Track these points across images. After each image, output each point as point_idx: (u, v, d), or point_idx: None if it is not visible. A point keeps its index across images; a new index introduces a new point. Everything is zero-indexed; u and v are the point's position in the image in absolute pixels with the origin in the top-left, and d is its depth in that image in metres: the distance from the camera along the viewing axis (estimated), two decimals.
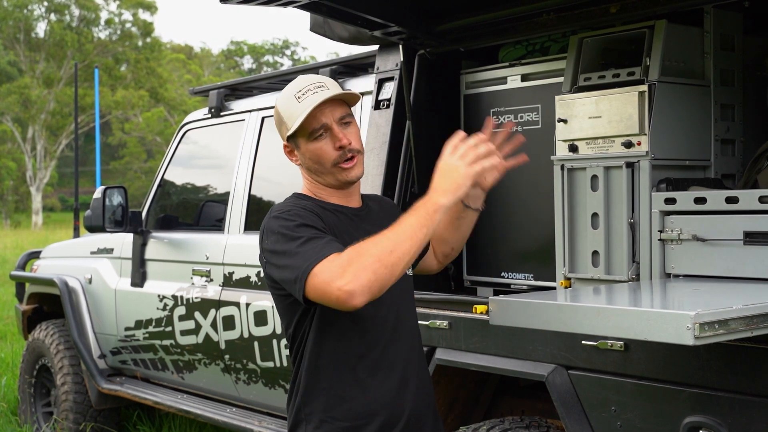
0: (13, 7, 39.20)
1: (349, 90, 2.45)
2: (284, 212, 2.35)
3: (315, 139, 2.40)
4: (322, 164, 2.42)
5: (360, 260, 2.13)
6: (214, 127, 5.25)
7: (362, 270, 2.11)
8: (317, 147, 2.40)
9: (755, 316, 2.17)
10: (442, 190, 2.21)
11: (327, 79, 2.46)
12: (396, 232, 2.17)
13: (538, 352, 2.98)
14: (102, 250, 5.80)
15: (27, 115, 38.52)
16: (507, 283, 3.53)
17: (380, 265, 2.12)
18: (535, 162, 3.36)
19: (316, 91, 2.38)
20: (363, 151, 2.48)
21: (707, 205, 2.72)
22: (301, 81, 2.43)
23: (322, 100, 2.36)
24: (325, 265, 2.16)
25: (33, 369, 6.23)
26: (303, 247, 2.23)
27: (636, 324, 2.14)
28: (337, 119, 2.40)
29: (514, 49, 3.56)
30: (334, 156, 2.40)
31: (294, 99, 2.39)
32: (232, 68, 55.37)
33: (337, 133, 2.39)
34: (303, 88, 2.40)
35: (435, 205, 2.20)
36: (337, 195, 2.49)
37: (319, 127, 2.39)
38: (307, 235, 2.25)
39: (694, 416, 2.57)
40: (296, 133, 2.41)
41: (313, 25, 4.08)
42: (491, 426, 3.13)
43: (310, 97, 2.37)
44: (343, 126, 2.42)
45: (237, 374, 4.72)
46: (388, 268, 2.13)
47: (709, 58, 3.03)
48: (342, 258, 2.15)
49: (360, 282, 2.11)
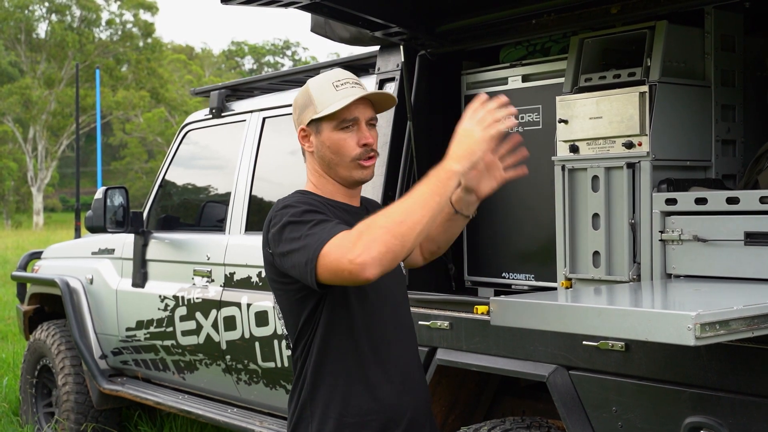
0: (14, 7, 39.22)
1: (389, 93, 2.49)
2: (290, 203, 2.36)
3: (342, 130, 2.42)
4: (341, 156, 2.42)
5: (370, 232, 2.11)
6: (215, 127, 5.25)
7: (372, 242, 2.09)
8: (341, 138, 2.42)
9: (756, 317, 2.17)
10: (457, 157, 2.19)
11: (360, 80, 2.50)
12: (407, 201, 2.14)
13: (539, 352, 2.98)
14: (103, 250, 5.81)
15: (28, 116, 38.53)
16: (508, 284, 3.53)
17: (390, 236, 2.10)
18: (536, 162, 3.36)
19: (354, 85, 2.42)
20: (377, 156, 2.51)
21: (708, 205, 2.73)
22: (340, 72, 2.46)
23: (364, 95, 2.40)
24: (334, 242, 2.15)
25: (34, 369, 6.24)
26: (312, 230, 2.22)
27: (637, 324, 2.14)
28: (368, 118, 2.44)
29: (514, 50, 3.56)
30: (357, 151, 2.42)
31: (332, 86, 2.41)
32: (233, 69, 55.39)
33: (364, 131, 2.42)
34: (342, 79, 2.43)
35: (449, 172, 2.17)
36: (342, 193, 2.50)
37: (351, 119, 2.41)
38: (315, 219, 2.25)
39: (695, 416, 2.57)
40: (323, 119, 2.42)
41: (314, 26, 4.08)
42: (492, 426, 3.13)
43: (349, 89, 2.40)
44: (370, 127, 2.45)
45: (238, 375, 4.72)
46: (399, 239, 2.10)
47: (710, 59, 3.03)
48: (352, 233, 2.14)
49: (371, 254, 2.09)
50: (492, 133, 2.22)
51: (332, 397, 2.38)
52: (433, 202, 2.14)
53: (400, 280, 2.55)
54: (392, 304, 2.45)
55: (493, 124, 2.23)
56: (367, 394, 2.38)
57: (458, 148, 2.21)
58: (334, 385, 2.38)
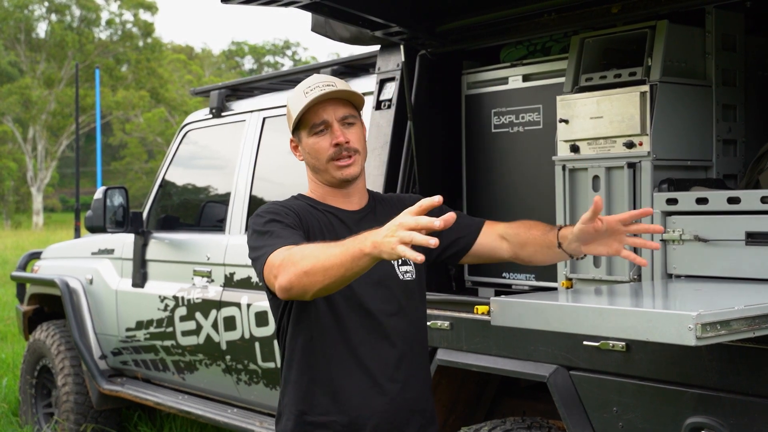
0: (14, 7, 39.21)
1: (353, 90, 2.48)
2: (261, 211, 2.44)
3: (314, 134, 2.47)
4: (318, 159, 2.48)
5: (286, 264, 2.18)
6: (215, 127, 5.25)
7: (288, 273, 2.16)
8: (315, 142, 2.47)
9: (757, 317, 2.16)
10: (377, 241, 2.03)
11: (337, 80, 2.51)
12: (320, 256, 2.12)
13: (540, 352, 2.98)
14: (103, 250, 5.80)
15: (28, 116, 38.52)
16: (508, 284, 3.52)
17: (296, 276, 2.15)
18: (537, 162, 3.36)
19: (323, 89, 2.45)
20: (362, 152, 2.51)
21: (709, 205, 2.72)
22: (312, 79, 2.51)
23: (321, 95, 2.43)
24: (272, 258, 2.24)
25: (34, 370, 6.23)
26: (267, 241, 2.31)
27: (638, 324, 2.14)
28: (339, 118, 2.47)
29: (515, 50, 3.56)
30: (330, 152, 2.46)
31: (302, 94, 2.47)
32: (233, 69, 55.36)
33: (335, 131, 2.46)
34: (312, 84, 2.47)
35: (361, 251, 2.07)
36: (336, 195, 2.52)
37: (320, 123, 2.46)
38: (272, 231, 2.32)
39: (696, 417, 2.57)
40: (299, 127, 2.50)
41: (315, 26, 4.07)
42: (493, 426, 3.13)
43: (317, 93, 2.44)
44: (346, 126, 2.48)
45: (238, 375, 4.71)
46: (303, 283, 2.15)
47: (711, 58, 3.02)
48: (280, 255, 2.21)
49: (282, 282, 2.19)
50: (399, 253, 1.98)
51: (297, 396, 2.46)
52: (337, 272, 2.10)
53: (400, 287, 2.49)
54: (369, 308, 2.43)
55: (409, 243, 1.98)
56: (329, 396, 2.42)
57: (383, 234, 2.03)
58: (299, 384, 2.45)
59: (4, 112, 38.00)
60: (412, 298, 2.54)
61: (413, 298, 2.54)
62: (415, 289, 2.55)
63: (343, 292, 2.37)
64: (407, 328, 2.51)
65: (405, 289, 2.52)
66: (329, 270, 2.10)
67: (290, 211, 2.44)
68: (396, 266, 2.50)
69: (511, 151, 3.49)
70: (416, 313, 2.56)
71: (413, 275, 2.54)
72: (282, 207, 2.45)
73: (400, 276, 2.51)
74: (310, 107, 2.45)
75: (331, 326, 2.43)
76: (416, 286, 2.56)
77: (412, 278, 2.54)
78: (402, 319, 2.50)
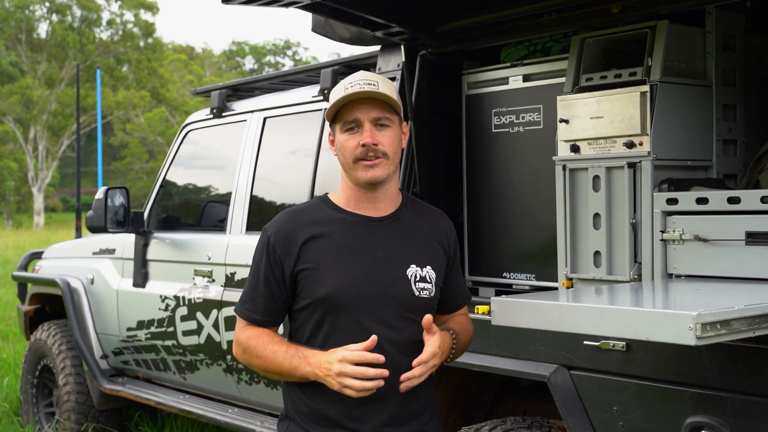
0: (15, 7, 39.22)
1: (390, 95, 2.43)
2: (266, 227, 2.53)
3: (346, 131, 2.44)
4: (345, 157, 2.46)
5: (244, 352, 2.51)
6: (215, 127, 5.25)
7: (242, 356, 2.53)
8: (345, 139, 2.44)
9: (757, 317, 2.17)
10: (316, 365, 2.37)
11: (383, 80, 2.46)
12: (273, 361, 2.43)
13: (540, 352, 2.98)
14: (104, 250, 5.80)
15: (29, 116, 38.53)
16: (509, 284, 3.52)
17: (250, 364, 2.52)
18: (537, 162, 3.36)
19: (363, 86, 2.41)
20: (393, 157, 2.46)
21: (709, 205, 2.72)
22: (357, 75, 2.47)
23: (357, 93, 2.39)
24: (238, 333, 2.54)
25: (35, 369, 6.23)
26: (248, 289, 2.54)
27: (638, 324, 2.14)
28: (372, 118, 2.43)
29: (515, 50, 3.56)
30: (356, 152, 2.42)
31: (342, 88, 2.43)
32: (234, 69, 55.36)
33: (366, 131, 2.42)
34: (355, 81, 2.44)
35: (302, 370, 2.39)
36: (361, 200, 2.49)
37: (351, 120, 2.43)
38: (256, 279, 2.51)
39: (697, 416, 2.57)
40: (334, 122, 2.47)
41: (315, 26, 4.08)
42: (493, 426, 3.13)
43: (355, 89, 2.41)
44: (378, 127, 2.43)
45: (239, 375, 4.72)
46: (260, 371, 2.52)
47: (711, 59, 3.03)
48: (243, 338, 2.51)
49: (240, 359, 2.55)
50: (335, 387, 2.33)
51: (295, 398, 2.51)
52: (281, 377, 2.49)
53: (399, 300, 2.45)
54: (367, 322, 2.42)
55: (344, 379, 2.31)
56: (320, 399, 2.44)
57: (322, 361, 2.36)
58: (297, 386, 2.50)
59: (5, 112, 38.01)
60: (423, 314, 2.46)
61: (424, 314, 2.46)
62: (430, 305, 2.51)
63: (349, 312, 2.41)
64: (413, 342, 2.45)
65: (418, 306, 2.48)
66: (270, 373, 2.50)
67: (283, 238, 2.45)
68: (412, 282, 2.46)
69: (512, 151, 3.49)
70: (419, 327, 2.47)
71: (431, 293, 2.49)
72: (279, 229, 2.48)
73: (415, 293, 2.47)
74: (346, 103, 2.42)
75: (325, 335, 2.44)
76: (432, 303, 2.52)
77: (429, 296, 2.49)
78: (407, 333, 2.46)
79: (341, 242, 2.45)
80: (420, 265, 2.48)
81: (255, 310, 2.49)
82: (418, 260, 2.49)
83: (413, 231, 2.52)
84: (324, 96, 4.38)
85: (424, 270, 2.48)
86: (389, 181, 2.49)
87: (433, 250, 2.53)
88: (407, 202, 2.57)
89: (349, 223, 2.47)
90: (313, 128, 4.46)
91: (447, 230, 2.59)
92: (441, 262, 2.54)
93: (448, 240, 2.57)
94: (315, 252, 2.44)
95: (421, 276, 2.48)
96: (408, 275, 2.46)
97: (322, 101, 4.43)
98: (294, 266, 2.44)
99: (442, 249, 2.55)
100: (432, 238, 2.53)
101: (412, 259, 2.48)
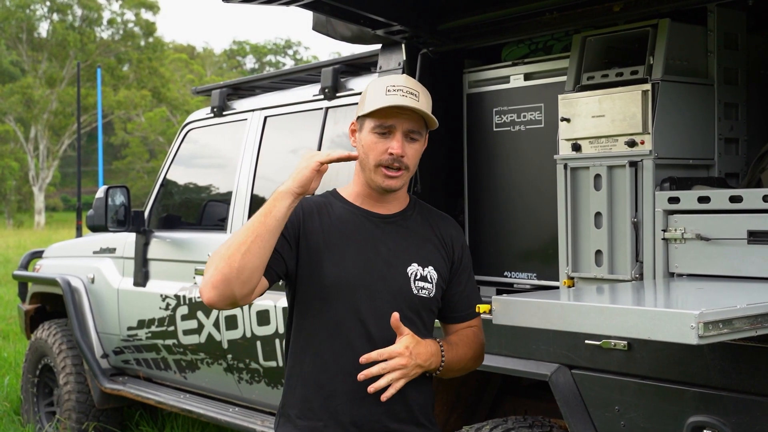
0: (16, 6, 39.23)
1: (428, 112, 2.45)
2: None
3: (378, 133, 2.44)
4: (368, 158, 2.46)
5: (210, 261, 2.31)
6: (216, 126, 5.25)
7: (208, 269, 2.30)
8: (373, 141, 2.44)
9: (759, 315, 2.16)
10: (285, 183, 2.34)
11: (424, 92, 2.48)
12: (248, 227, 2.31)
13: (541, 351, 2.97)
14: (104, 249, 5.80)
15: (29, 115, 38.54)
16: (510, 283, 3.52)
17: (220, 260, 2.29)
18: (538, 161, 3.36)
19: (405, 94, 2.42)
20: (412, 170, 2.48)
21: (711, 204, 2.72)
22: (401, 79, 2.48)
23: (399, 104, 2.40)
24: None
25: (36, 369, 6.23)
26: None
27: (639, 323, 2.13)
28: (406, 129, 2.44)
29: (517, 48, 3.55)
30: (382, 158, 2.43)
31: (384, 88, 2.43)
32: (235, 68, 55.37)
33: (396, 140, 2.43)
34: (398, 85, 2.44)
35: (275, 193, 2.33)
36: (370, 198, 2.52)
37: (387, 125, 2.43)
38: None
39: (698, 416, 2.57)
40: (366, 118, 2.46)
41: (316, 24, 4.07)
42: (494, 426, 3.13)
43: (399, 96, 2.41)
44: (409, 140, 2.45)
45: (239, 374, 4.71)
46: (226, 261, 2.28)
47: (713, 57, 3.02)
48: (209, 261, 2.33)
49: (205, 280, 2.31)
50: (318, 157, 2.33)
51: (293, 399, 2.52)
52: (257, 221, 2.31)
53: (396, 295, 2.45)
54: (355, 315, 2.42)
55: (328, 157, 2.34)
56: (303, 392, 2.47)
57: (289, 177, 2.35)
58: (287, 378, 2.52)
59: (6, 112, 38.03)
60: (422, 313, 2.50)
61: (421, 313, 2.50)
62: (428, 305, 2.52)
63: (346, 303, 2.41)
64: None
65: (416, 304, 2.48)
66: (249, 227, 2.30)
67: (297, 211, 2.45)
68: (412, 281, 2.47)
69: (513, 150, 3.48)
70: (421, 327, 2.50)
71: (430, 293, 2.50)
72: (305, 201, 2.49)
73: (414, 291, 2.48)
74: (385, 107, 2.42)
75: (331, 336, 2.44)
76: (431, 303, 2.52)
77: (428, 295, 2.50)
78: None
79: (346, 233, 2.46)
80: (422, 264, 2.50)
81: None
82: (420, 259, 2.50)
83: (418, 231, 2.54)
84: (325, 95, 4.38)
85: (425, 270, 2.50)
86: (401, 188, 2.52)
87: (436, 252, 2.54)
88: (415, 204, 2.60)
89: (356, 216, 2.50)
90: (314, 127, 4.46)
91: (454, 236, 2.61)
92: (444, 266, 2.55)
93: (453, 246, 2.58)
94: (319, 237, 2.46)
95: (422, 275, 2.49)
96: (408, 273, 2.48)
97: (323, 100, 4.42)
98: (300, 237, 2.45)
99: (445, 253, 2.56)
100: (437, 241, 2.55)
101: (415, 258, 2.50)
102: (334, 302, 2.44)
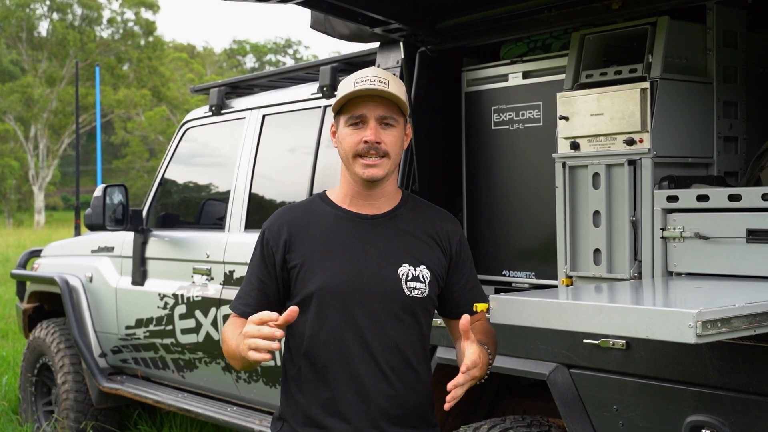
0: (16, 6, 39.25)
1: (399, 96, 2.42)
2: (267, 222, 2.53)
3: (351, 126, 2.43)
4: (346, 151, 2.44)
5: (221, 342, 2.49)
6: (214, 125, 5.24)
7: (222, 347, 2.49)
8: (348, 133, 2.43)
9: (758, 314, 2.15)
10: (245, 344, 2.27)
11: (394, 79, 2.45)
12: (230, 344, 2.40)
13: (540, 350, 2.97)
14: (103, 248, 5.79)
15: (29, 114, 38.55)
16: (508, 282, 3.51)
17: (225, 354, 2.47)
18: (537, 160, 3.35)
19: (373, 83, 2.40)
20: (393, 157, 2.45)
21: (710, 202, 2.71)
22: (369, 70, 2.46)
23: (366, 89, 2.38)
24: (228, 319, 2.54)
25: (34, 368, 6.23)
26: (244, 280, 2.54)
27: (638, 322, 2.12)
28: (378, 116, 2.41)
29: (515, 46, 3.54)
30: (358, 148, 2.41)
31: (353, 81, 2.42)
32: (235, 67, 55.37)
33: (370, 128, 2.40)
34: (366, 76, 2.42)
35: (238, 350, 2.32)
36: (358, 197, 2.49)
37: (357, 116, 2.41)
38: (250, 270, 2.53)
39: (697, 415, 2.56)
40: (339, 114, 2.45)
41: (314, 22, 4.06)
42: (492, 425, 3.12)
43: (365, 85, 2.39)
44: (383, 126, 2.42)
45: (237, 373, 4.71)
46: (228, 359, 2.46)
47: (712, 55, 3.01)
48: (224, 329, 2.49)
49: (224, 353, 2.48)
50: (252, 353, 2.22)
51: (282, 398, 2.54)
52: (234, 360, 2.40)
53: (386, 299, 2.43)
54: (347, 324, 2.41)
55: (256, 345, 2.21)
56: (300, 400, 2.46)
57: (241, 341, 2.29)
58: (283, 384, 2.53)
59: (6, 111, 38.04)
60: (415, 313, 2.47)
61: (416, 313, 2.47)
62: (423, 305, 2.48)
63: (339, 309, 2.40)
64: (403, 342, 2.46)
65: (408, 305, 2.45)
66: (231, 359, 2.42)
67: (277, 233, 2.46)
68: (403, 282, 2.44)
69: (511, 148, 3.48)
70: (417, 327, 2.48)
71: (423, 292, 2.46)
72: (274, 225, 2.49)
73: (406, 292, 2.44)
74: (354, 98, 2.40)
75: (326, 342, 2.43)
76: (425, 303, 2.49)
77: (421, 295, 2.46)
78: (401, 332, 2.45)
79: (334, 239, 2.45)
80: (413, 264, 2.46)
81: (246, 303, 2.49)
82: (411, 259, 2.47)
83: (409, 230, 2.50)
84: (323, 93, 4.37)
85: (417, 269, 2.46)
86: (387, 180, 2.48)
87: (430, 249, 2.50)
88: (407, 201, 2.56)
89: (344, 220, 2.47)
90: (312, 125, 4.45)
91: (450, 231, 2.56)
92: (439, 263, 2.51)
93: (450, 241, 2.54)
94: (307, 248, 2.44)
95: (414, 275, 2.45)
96: (399, 274, 2.44)
97: (321, 98, 4.42)
98: (286, 259, 2.45)
99: (440, 249, 2.52)
100: (429, 238, 2.51)
101: (405, 258, 2.46)
102: (327, 309, 2.42)
